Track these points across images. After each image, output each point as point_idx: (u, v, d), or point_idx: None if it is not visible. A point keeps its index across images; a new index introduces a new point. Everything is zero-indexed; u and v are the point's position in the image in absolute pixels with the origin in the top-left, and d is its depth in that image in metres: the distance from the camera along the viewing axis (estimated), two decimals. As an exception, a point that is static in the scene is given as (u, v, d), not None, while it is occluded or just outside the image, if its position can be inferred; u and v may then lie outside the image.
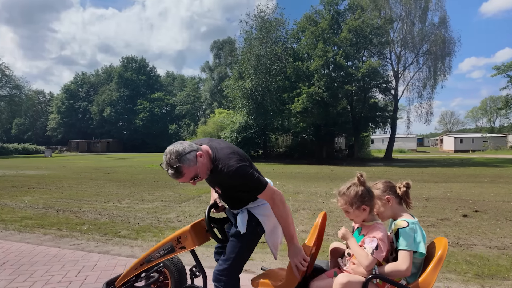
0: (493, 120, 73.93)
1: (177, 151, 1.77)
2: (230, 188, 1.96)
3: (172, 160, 1.76)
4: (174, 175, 1.79)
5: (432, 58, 27.90)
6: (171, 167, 1.77)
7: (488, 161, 24.21)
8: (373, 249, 1.66)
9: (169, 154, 1.79)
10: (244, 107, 26.86)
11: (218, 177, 1.91)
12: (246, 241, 2.02)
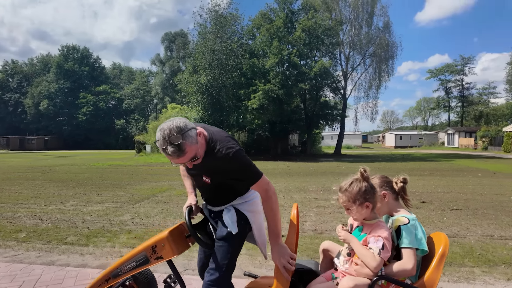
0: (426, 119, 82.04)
1: (179, 127, 1.56)
2: (223, 175, 1.75)
3: (174, 136, 1.53)
4: (175, 153, 1.55)
5: (377, 60, 29.92)
6: (171, 144, 1.53)
7: (425, 156, 26.71)
8: (380, 249, 1.57)
9: (168, 129, 1.55)
10: (199, 102, 26.18)
11: (212, 162, 1.71)
12: (237, 242, 1.85)
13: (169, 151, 1.54)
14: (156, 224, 5.05)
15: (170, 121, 1.60)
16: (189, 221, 1.82)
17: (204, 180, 1.83)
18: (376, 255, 1.56)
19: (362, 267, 1.61)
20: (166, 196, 7.71)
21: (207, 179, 1.82)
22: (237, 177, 1.75)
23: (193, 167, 1.72)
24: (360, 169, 1.74)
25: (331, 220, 5.44)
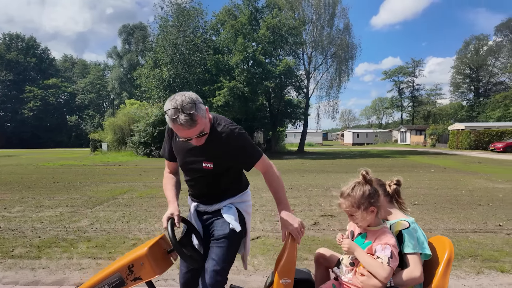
0: (381, 118, 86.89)
1: (191, 97, 1.52)
2: (227, 156, 1.68)
3: (187, 105, 1.48)
4: (188, 123, 1.48)
5: (338, 61, 30.93)
6: (184, 112, 1.47)
7: (381, 153, 28.22)
8: (389, 257, 1.47)
9: (180, 100, 1.50)
10: (160, 98, 25.16)
11: (217, 141, 1.66)
12: (237, 242, 1.76)
13: (182, 120, 1.47)
14: (119, 230, 4.63)
15: (180, 93, 1.55)
16: (173, 234, 1.58)
17: (205, 167, 1.70)
18: (385, 264, 1.45)
19: (369, 278, 1.49)
20: (128, 198, 7.20)
21: (209, 164, 1.69)
22: (242, 155, 1.71)
23: (194, 152, 1.67)
24: (362, 172, 1.63)
25: (303, 218, 5.40)
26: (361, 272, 1.54)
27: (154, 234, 4.42)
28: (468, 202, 6.67)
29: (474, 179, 10.16)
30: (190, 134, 1.54)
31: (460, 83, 54.00)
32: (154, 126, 25.40)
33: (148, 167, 15.64)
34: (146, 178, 10.83)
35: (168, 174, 1.92)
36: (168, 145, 1.85)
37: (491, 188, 8.43)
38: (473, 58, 50.90)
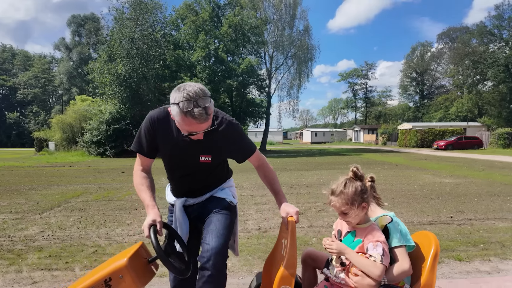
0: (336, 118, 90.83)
1: (205, 90, 1.45)
2: (225, 147, 1.67)
3: (203, 97, 1.41)
4: (202, 116, 1.40)
5: (298, 62, 31.67)
6: (199, 105, 1.38)
7: (338, 151, 29.48)
8: (381, 255, 1.45)
9: (193, 91, 1.40)
10: (115, 94, 23.78)
11: (216, 133, 1.60)
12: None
13: (196, 113, 1.38)
14: (75, 237, 4.23)
15: (190, 84, 1.46)
16: (158, 243, 1.42)
17: (202, 160, 1.65)
18: (379, 262, 1.44)
19: (363, 277, 1.47)
20: (82, 202, 6.65)
21: (207, 157, 1.65)
22: (240, 147, 1.71)
23: (189, 147, 1.60)
24: (353, 168, 1.61)
25: (272, 217, 5.39)
26: (355, 272, 1.51)
27: (115, 240, 4.10)
28: (421, 196, 7.15)
29: (423, 175, 10.98)
30: (200, 128, 1.45)
31: (408, 85, 58.37)
32: (108, 124, 23.93)
33: (102, 167, 14.68)
34: (101, 180, 10.13)
35: (141, 173, 1.73)
36: (149, 140, 1.67)
37: (439, 182, 9.15)
38: (419, 63, 55.33)
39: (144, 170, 1.73)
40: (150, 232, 1.46)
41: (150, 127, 1.64)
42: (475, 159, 18.24)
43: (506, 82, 35.84)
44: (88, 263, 3.28)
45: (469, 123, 37.20)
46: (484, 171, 12.05)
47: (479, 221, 5.03)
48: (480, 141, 28.74)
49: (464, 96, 42.27)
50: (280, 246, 1.68)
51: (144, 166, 1.73)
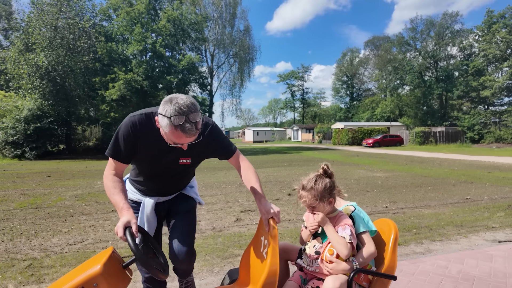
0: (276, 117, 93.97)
1: (195, 104, 1.44)
2: (205, 150, 1.71)
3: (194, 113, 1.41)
4: (192, 131, 1.42)
5: (239, 61, 31.98)
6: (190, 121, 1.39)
7: (279, 149, 30.52)
8: (349, 235, 1.59)
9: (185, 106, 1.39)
10: (35, 88, 21.07)
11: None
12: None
13: (187, 128, 1.40)
14: (1, 251, 3.63)
15: (183, 97, 1.43)
16: (135, 245, 1.30)
17: (182, 163, 1.68)
18: (348, 242, 1.57)
19: (338, 263, 1.57)
20: (3, 212, 5.76)
21: (187, 160, 1.68)
22: (220, 148, 1.73)
23: (169, 151, 1.60)
24: (323, 166, 1.72)
25: (225, 216, 5.35)
26: (330, 259, 1.59)
27: (53, 251, 3.64)
28: (358, 189, 7.80)
29: (357, 170, 11.99)
30: (188, 141, 1.46)
31: (339, 88, 63.15)
32: (27, 122, 21.07)
33: (22, 171, 12.89)
34: (23, 185, 8.90)
35: (113, 177, 1.61)
36: (128, 145, 1.60)
37: (371, 176, 10.10)
38: (349, 67, 60.26)
39: (116, 175, 1.63)
40: (126, 233, 1.34)
41: (131, 133, 1.58)
42: (398, 154, 20.54)
43: (420, 87, 41.12)
44: (24, 278, 2.85)
45: (392, 122, 41.81)
46: (407, 165, 13.65)
47: (409, 209, 5.69)
48: (401, 139, 32.49)
49: (387, 99, 47.34)
50: (259, 244, 1.68)
51: (117, 171, 1.65)
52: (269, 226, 1.56)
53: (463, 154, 19.86)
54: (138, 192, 1.80)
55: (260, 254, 1.61)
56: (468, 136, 32.77)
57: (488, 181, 8.81)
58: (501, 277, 2.87)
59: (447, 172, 11.02)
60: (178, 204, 1.84)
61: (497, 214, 5.19)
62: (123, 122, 1.60)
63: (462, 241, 3.96)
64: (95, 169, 13.47)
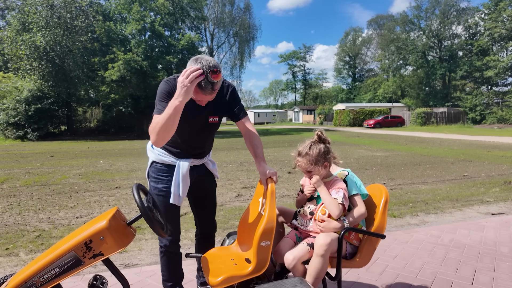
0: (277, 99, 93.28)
1: (217, 66, 1.55)
2: (227, 108, 1.86)
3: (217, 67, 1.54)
4: (207, 89, 1.54)
5: (240, 41, 31.42)
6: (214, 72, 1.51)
7: (280, 131, 30.54)
8: (342, 198, 1.69)
9: (208, 65, 1.51)
10: (34, 69, 20.90)
11: (219, 97, 1.78)
12: None
13: (203, 86, 1.52)
14: (10, 224, 3.77)
15: (208, 58, 1.56)
16: (141, 202, 1.38)
17: (211, 121, 1.83)
18: (340, 204, 1.67)
19: (329, 222, 1.68)
20: (9, 188, 5.90)
21: (215, 118, 1.83)
22: (237, 107, 1.87)
23: (199, 109, 1.74)
24: (317, 132, 1.80)
25: (226, 192, 5.48)
26: (321, 219, 1.70)
27: (60, 223, 3.78)
28: (357, 167, 7.91)
29: (357, 150, 12.07)
30: (204, 98, 1.61)
31: (341, 68, 62.26)
32: (28, 104, 21.07)
33: (25, 152, 13.04)
34: (27, 165, 9.04)
35: None
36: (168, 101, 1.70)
37: (371, 156, 10.19)
38: (351, 47, 59.16)
39: None
40: (134, 191, 1.42)
41: (171, 89, 1.68)
42: (399, 135, 20.57)
43: (423, 67, 40.55)
44: (34, 247, 2.99)
45: (394, 103, 41.54)
46: (407, 145, 13.71)
47: (407, 185, 5.80)
48: (402, 119, 32.39)
49: (389, 79, 46.81)
50: (257, 206, 1.77)
51: None
52: (267, 183, 1.65)
53: (464, 135, 19.87)
54: (171, 155, 1.86)
55: (259, 213, 1.70)
56: (470, 117, 32.63)
57: (486, 159, 8.89)
58: (491, 244, 2.99)
59: (446, 151, 11.09)
60: (205, 181, 2.00)
61: (493, 190, 5.30)
62: (159, 85, 1.75)
63: (456, 214, 4.08)
64: (97, 150, 13.59)
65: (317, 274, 1.58)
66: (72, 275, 1.33)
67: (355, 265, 1.73)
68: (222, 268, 1.55)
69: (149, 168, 1.91)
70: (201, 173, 1.95)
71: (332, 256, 1.67)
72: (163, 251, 1.89)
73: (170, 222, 1.82)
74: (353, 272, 2.52)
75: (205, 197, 2.03)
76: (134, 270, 2.57)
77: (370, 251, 1.73)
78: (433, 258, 2.72)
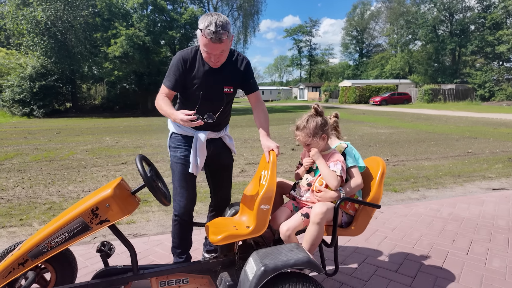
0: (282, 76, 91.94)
1: (226, 21, 1.66)
2: (242, 79, 1.90)
3: (226, 21, 1.64)
4: (211, 35, 1.60)
5: (244, 14, 30.55)
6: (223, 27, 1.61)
7: (285, 108, 30.35)
8: (340, 170, 1.74)
9: (215, 17, 1.63)
10: (36, 45, 20.70)
11: (233, 67, 1.86)
12: None
13: (209, 32, 1.59)
14: (22, 197, 3.92)
15: (220, 14, 1.66)
16: (144, 172, 1.45)
17: (226, 91, 1.87)
18: (338, 175, 1.72)
19: (326, 192, 1.73)
20: (19, 163, 6.05)
21: (229, 88, 1.87)
22: (251, 79, 1.92)
23: (214, 78, 1.80)
24: (314, 105, 1.83)
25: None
26: (319, 189, 1.75)
27: (70, 196, 3.91)
28: (361, 144, 7.92)
29: (362, 127, 12.02)
30: (214, 49, 1.65)
31: (349, 44, 60.65)
32: (32, 80, 21.04)
33: (32, 128, 13.20)
34: (35, 141, 9.19)
35: (164, 97, 1.81)
36: (178, 75, 1.82)
37: (375, 133, 10.16)
38: (359, 21, 57.27)
39: (166, 98, 1.83)
40: (138, 161, 1.48)
41: (182, 63, 1.80)
42: (405, 112, 20.35)
43: (433, 42, 39.29)
44: (46, 218, 3.13)
45: (401, 80, 40.69)
46: (412, 122, 13.60)
47: (409, 162, 5.83)
48: (409, 96, 31.87)
49: (397, 55, 45.59)
50: (259, 178, 1.83)
51: (168, 95, 1.85)
52: (270, 155, 1.71)
53: (471, 112, 19.59)
54: (189, 127, 1.91)
55: (260, 184, 1.76)
56: (479, 93, 31.95)
57: (492, 136, 8.83)
58: (489, 218, 3.05)
59: (452, 128, 11.01)
60: (222, 155, 2.05)
61: (496, 166, 5.31)
62: (174, 56, 1.83)
63: (457, 189, 4.13)
64: (103, 127, 13.72)
65: (313, 241, 1.65)
66: (81, 239, 1.42)
67: (350, 233, 1.80)
68: (224, 230, 1.62)
69: (169, 139, 2.01)
70: (218, 146, 2.00)
71: (328, 225, 1.74)
72: (176, 219, 1.97)
73: (187, 191, 1.90)
74: (352, 242, 2.61)
75: (222, 170, 2.08)
76: (142, 239, 2.69)
77: (365, 220, 1.80)
78: (430, 230, 2.80)
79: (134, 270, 1.53)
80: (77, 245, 2.50)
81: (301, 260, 1.36)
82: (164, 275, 1.57)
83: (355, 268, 2.22)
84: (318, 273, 1.40)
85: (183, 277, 1.60)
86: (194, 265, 1.62)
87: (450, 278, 2.07)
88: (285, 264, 1.34)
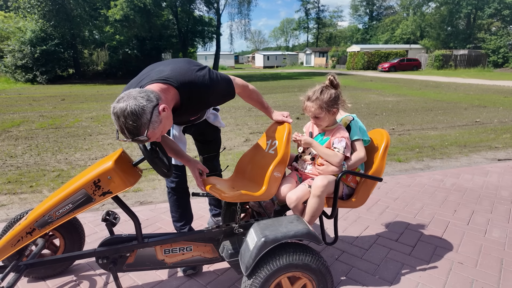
0: (288, 40, 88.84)
1: (134, 111, 1.21)
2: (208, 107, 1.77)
3: (130, 125, 1.22)
4: (139, 141, 1.27)
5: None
6: (130, 133, 1.23)
7: (290, 75, 29.67)
8: (344, 148, 1.71)
9: (122, 117, 1.22)
10: (33, 7, 20.03)
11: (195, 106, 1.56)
12: None
13: (130, 140, 1.26)
14: (31, 164, 4.00)
15: (123, 102, 1.23)
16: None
17: (192, 118, 1.78)
18: (339, 152, 1.70)
19: (327, 166, 1.72)
20: (26, 131, 6.11)
21: (195, 116, 1.78)
22: (221, 99, 1.64)
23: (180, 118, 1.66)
24: (329, 76, 1.73)
25: (234, 137, 5.58)
26: (320, 162, 1.75)
27: (78, 164, 3.98)
28: (367, 113, 7.81)
29: (369, 95, 11.78)
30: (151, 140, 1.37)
31: (359, 5, 57.70)
32: (33, 45, 20.62)
33: (37, 95, 13.17)
34: (40, 108, 9.21)
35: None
36: None
37: (382, 101, 9.97)
38: (370, -19, 54.07)
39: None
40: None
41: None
42: (413, 79, 19.80)
43: (447, 3, 37.14)
44: (55, 185, 3.21)
45: (411, 45, 39.14)
46: (420, 90, 13.27)
47: (415, 131, 5.76)
48: (419, 62, 30.80)
49: (409, 18, 43.41)
50: (263, 146, 1.83)
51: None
52: (285, 126, 1.74)
53: (482, 79, 18.99)
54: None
55: (266, 153, 1.77)
56: (491, 60, 30.75)
57: (502, 105, 8.62)
58: (492, 189, 3.06)
59: (461, 96, 10.74)
60: (207, 133, 2.05)
61: (503, 136, 5.24)
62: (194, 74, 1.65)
63: (462, 159, 4.11)
64: (107, 93, 13.63)
65: (313, 213, 1.67)
66: (85, 210, 1.46)
67: (351, 205, 1.81)
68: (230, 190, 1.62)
69: None
70: (201, 126, 1.99)
71: (329, 197, 1.75)
72: (170, 192, 2.01)
73: (176, 164, 1.91)
74: (354, 211, 2.66)
75: (209, 144, 2.12)
76: (149, 207, 2.76)
77: (366, 193, 1.80)
78: (433, 201, 2.82)
79: (139, 239, 1.58)
80: (85, 212, 2.59)
81: (300, 232, 1.39)
82: (168, 243, 1.63)
83: (356, 237, 2.28)
84: (317, 244, 1.43)
85: (186, 245, 1.66)
86: (197, 234, 1.67)
87: (449, 248, 2.11)
88: (285, 235, 1.37)
